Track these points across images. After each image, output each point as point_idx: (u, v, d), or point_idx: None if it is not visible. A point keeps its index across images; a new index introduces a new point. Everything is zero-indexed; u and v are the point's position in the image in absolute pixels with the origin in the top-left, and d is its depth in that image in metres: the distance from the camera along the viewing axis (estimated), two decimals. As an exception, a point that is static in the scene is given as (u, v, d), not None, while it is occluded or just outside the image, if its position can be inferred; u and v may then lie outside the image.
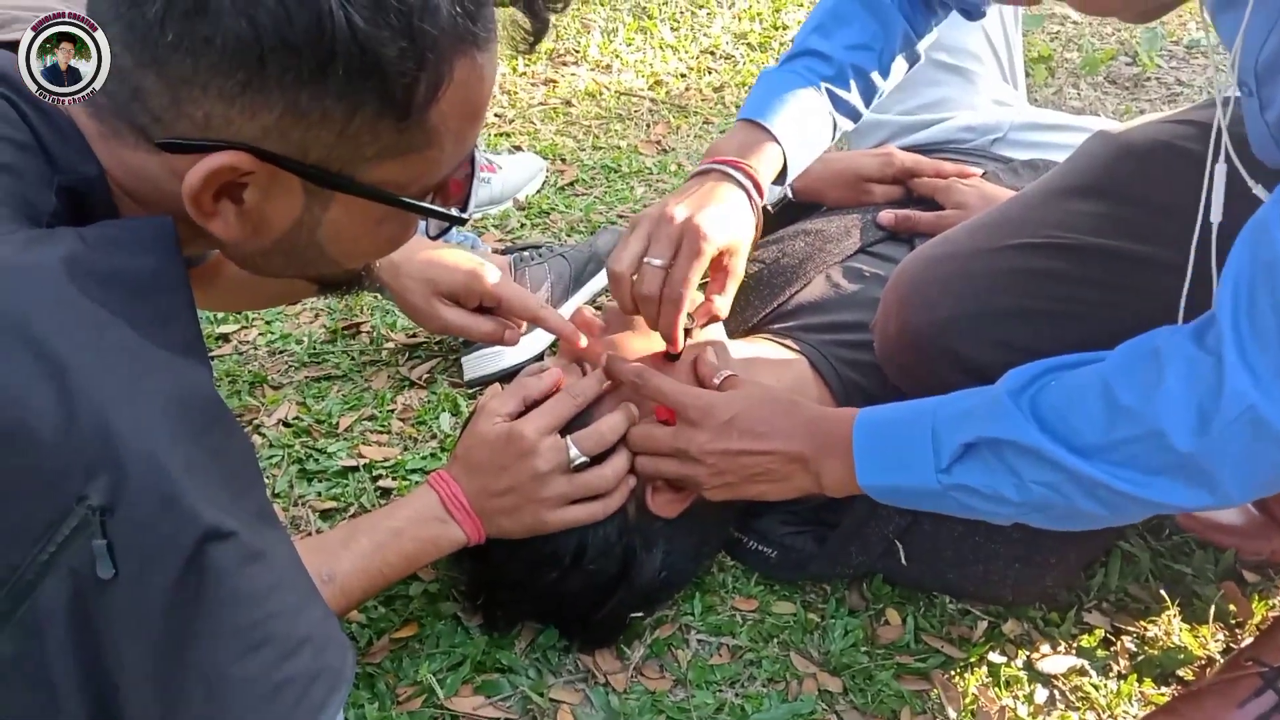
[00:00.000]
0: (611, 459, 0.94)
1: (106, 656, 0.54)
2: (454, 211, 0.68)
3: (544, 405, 0.94)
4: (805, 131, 1.07)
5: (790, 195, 1.37)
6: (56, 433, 0.51)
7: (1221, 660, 0.98)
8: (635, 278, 0.96)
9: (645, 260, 0.96)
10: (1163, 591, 1.05)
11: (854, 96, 1.11)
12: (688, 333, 0.99)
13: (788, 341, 1.11)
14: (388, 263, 1.08)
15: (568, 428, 0.94)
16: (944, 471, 0.81)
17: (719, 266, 0.98)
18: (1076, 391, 0.77)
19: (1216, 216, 0.81)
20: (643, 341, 1.02)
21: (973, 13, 1.15)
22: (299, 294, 1.24)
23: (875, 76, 1.12)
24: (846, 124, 1.12)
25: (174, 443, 0.53)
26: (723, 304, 0.99)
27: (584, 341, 1.01)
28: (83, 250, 0.55)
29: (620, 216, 1.77)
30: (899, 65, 1.14)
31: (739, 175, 1.01)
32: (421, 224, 0.74)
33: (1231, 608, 1.03)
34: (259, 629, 0.56)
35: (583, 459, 0.93)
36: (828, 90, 1.09)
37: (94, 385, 0.52)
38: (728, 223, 0.97)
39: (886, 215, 1.25)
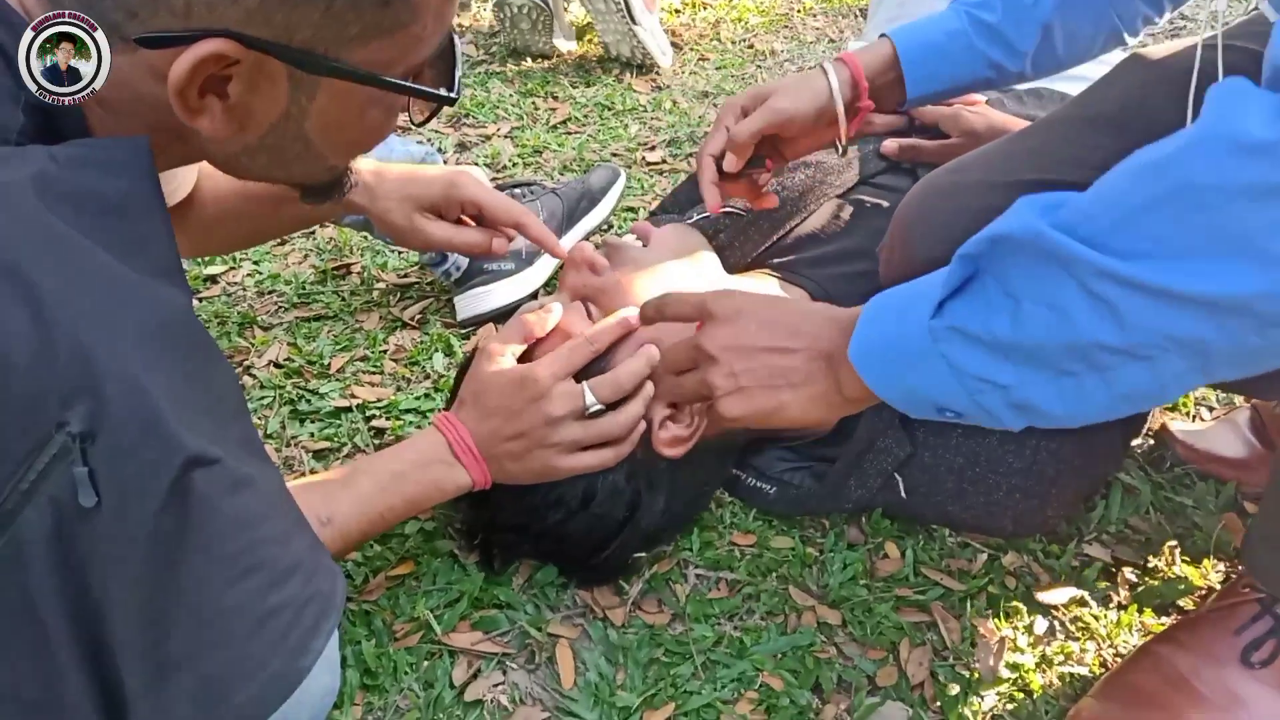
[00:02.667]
0: (626, 405, 0.92)
1: (93, 587, 0.53)
2: (441, 91, 0.68)
3: (559, 350, 0.92)
4: (927, 34, 1.05)
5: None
6: (33, 358, 0.50)
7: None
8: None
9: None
10: (1163, 524, 1.04)
11: (999, 18, 1.03)
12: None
13: (788, 275, 1.09)
14: (364, 187, 1.06)
15: (582, 373, 0.92)
16: (937, 315, 0.70)
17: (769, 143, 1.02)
18: (1096, 188, 0.64)
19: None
20: (646, 278, 0.99)
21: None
22: (269, 233, 1.22)
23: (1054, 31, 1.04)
24: (1003, 60, 1.05)
25: (154, 368, 0.52)
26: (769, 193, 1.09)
27: (564, 249, 1.04)
28: (54, 169, 0.53)
29: (614, 155, 1.74)
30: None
31: (827, 62, 1.04)
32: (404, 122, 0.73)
33: (1233, 540, 1.03)
34: (247, 556, 0.55)
35: (598, 405, 0.91)
36: (967, 14, 1.04)
37: (69, 309, 0.51)
38: (765, 91, 1.02)
39: (890, 145, 1.22)
